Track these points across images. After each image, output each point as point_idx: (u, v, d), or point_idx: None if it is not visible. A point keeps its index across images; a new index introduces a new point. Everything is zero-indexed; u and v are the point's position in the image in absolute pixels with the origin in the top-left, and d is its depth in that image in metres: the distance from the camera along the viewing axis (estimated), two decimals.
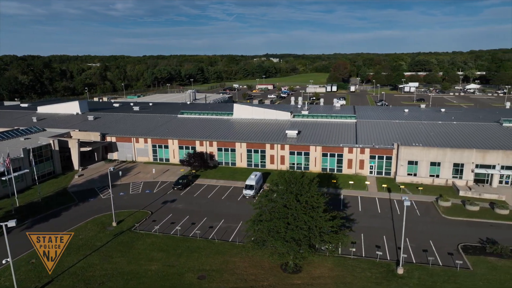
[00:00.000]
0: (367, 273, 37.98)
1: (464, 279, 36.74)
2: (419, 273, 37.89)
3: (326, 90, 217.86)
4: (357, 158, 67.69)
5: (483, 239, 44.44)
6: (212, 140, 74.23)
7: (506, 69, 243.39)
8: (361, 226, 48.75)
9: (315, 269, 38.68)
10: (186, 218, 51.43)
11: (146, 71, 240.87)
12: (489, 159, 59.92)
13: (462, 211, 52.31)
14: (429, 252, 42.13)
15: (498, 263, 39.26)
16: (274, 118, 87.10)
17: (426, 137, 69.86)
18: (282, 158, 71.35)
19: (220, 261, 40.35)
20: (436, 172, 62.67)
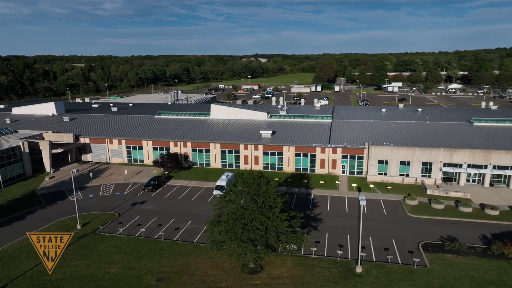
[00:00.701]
0: (326, 272, 38.26)
1: (419, 276, 37.29)
2: (377, 271, 38.32)
3: (310, 90, 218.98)
4: (330, 158, 68.16)
5: (444, 236, 45.17)
6: (186, 141, 73.91)
7: (487, 69, 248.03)
8: (327, 226, 49.10)
9: (276, 269, 38.81)
10: (153, 220, 51.11)
11: (131, 71, 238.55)
12: (456, 158, 60.96)
13: (427, 209, 53.10)
14: (390, 250, 42.66)
15: (455, 260, 39.95)
16: (251, 118, 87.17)
17: (398, 137, 70.74)
18: (256, 159, 71.43)
19: (181, 262, 40.19)
20: (406, 171, 63.49)
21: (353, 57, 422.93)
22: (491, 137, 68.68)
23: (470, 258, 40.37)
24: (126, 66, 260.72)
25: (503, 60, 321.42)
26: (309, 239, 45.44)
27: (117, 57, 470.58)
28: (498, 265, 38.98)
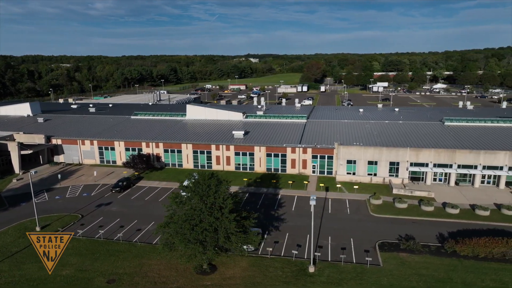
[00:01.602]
0: (279, 272, 38.39)
1: (370, 275, 37.60)
2: (329, 271, 38.55)
3: (297, 91, 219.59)
4: (300, 158, 68.40)
5: (402, 235, 45.58)
6: (158, 142, 73.60)
7: (471, 69, 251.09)
8: (289, 225, 49.27)
9: (229, 270, 38.83)
10: (116, 221, 50.82)
11: (116, 71, 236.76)
12: (422, 157, 61.60)
13: (391, 208, 53.56)
14: (347, 249, 42.95)
15: (408, 259, 40.36)
16: (227, 118, 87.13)
17: (369, 137, 71.24)
18: (228, 159, 71.41)
19: (136, 264, 40.01)
20: (374, 171, 63.99)
21: (342, 57, 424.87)
22: (459, 136, 69.57)
23: (423, 256, 40.81)
24: (112, 66, 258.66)
25: (488, 60, 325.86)
26: (268, 239, 45.82)
27: (107, 57, 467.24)
28: (448, 263, 39.48)
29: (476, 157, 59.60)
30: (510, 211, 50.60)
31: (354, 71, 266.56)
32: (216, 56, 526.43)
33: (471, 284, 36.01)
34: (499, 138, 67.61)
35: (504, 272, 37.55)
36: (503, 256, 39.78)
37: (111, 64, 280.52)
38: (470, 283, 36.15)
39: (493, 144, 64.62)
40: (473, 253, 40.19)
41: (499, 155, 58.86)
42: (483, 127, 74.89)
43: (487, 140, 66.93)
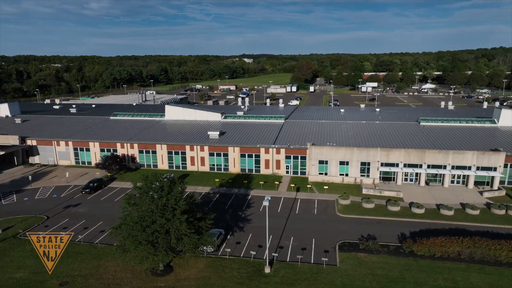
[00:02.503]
0: (235, 273, 38.37)
1: (325, 276, 37.68)
2: (285, 271, 38.59)
3: (286, 91, 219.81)
4: (274, 158, 68.45)
5: (364, 235, 45.71)
6: (133, 142, 73.36)
7: (460, 69, 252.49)
8: (253, 226, 49.27)
9: (185, 271, 38.77)
10: (81, 223, 50.60)
11: (105, 72, 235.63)
12: (392, 157, 61.85)
13: (358, 208, 53.71)
14: (307, 250, 43.02)
15: (365, 259, 40.50)
16: (205, 119, 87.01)
17: (344, 137, 71.46)
18: (202, 160, 71.33)
19: (92, 265, 39.83)
20: (345, 171, 64.16)
21: (335, 58, 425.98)
22: (433, 136, 69.97)
23: (381, 256, 40.96)
24: (101, 66, 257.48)
25: (478, 61, 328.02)
26: (231, 240, 45.82)
27: (100, 57, 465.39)
28: (405, 262, 39.67)
29: (445, 157, 59.95)
30: (474, 210, 50.93)
31: (345, 72, 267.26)
32: (209, 56, 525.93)
33: (422, 283, 36.20)
34: (472, 138, 68.12)
35: (457, 272, 37.78)
36: (458, 255, 40.03)
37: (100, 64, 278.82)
38: (422, 282, 36.34)
39: (464, 144, 65.09)
40: (429, 252, 40.41)
41: (467, 155, 59.24)
42: (457, 127, 75.35)
43: (459, 140, 67.41)
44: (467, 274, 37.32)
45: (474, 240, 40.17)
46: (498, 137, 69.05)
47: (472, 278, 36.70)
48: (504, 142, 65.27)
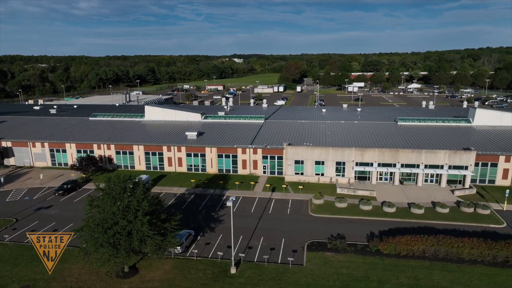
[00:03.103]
0: (200, 274, 38.27)
1: (290, 275, 37.80)
2: (251, 272, 38.61)
3: (273, 91, 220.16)
4: (251, 158, 68.46)
5: (334, 235, 45.94)
6: (109, 143, 72.70)
7: (445, 69, 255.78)
8: (226, 226, 49.10)
9: (151, 273, 38.54)
10: (51, 225, 49.95)
11: (91, 72, 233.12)
12: (367, 157, 62.34)
13: (330, 208, 53.99)
14: (276, 250, 43.10)
15: (332, 258, 40.74)
16: (185, 119, 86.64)
17: (321, 137, 71.76)
18: (179, 160, 71.00)
19: (57, 268, 39.12)
20: (321, 171, 64.47)
21: (323, 58, 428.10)
22: (408, 136, 70.71)
23: (348, 255, 41.24)
24: (87, 66, 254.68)
25: (463, 61, 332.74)
26: (201, 241, 45.69)
27: (89, 57, 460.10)
28: (370, 261, 40.00)
29: (418, 156, 60.64)
30: (444, 209, 51.61)
31: (332, 72, 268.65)
32: (199, 56, 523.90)
33: (385, 281, 36.56)
34: (447, 138, 69.00)
35: (420, 269, 38.24)
36: (423, 253, 40.52)
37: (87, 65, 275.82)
38: (384, 280, 36.70)
39: (440, 143, 65.90)
40: (395, 251, 40.81)
41: (439, 154, 60.01)
42: (434, 127, 76.27)
43: (434, 139, 68.21)
44: (430, 272, 37.80)
45: (438, 238, 40.69)
46: (472, 136, 70.10)
47: (434, 276, 37.18)
48: (477, 141, 66.29)
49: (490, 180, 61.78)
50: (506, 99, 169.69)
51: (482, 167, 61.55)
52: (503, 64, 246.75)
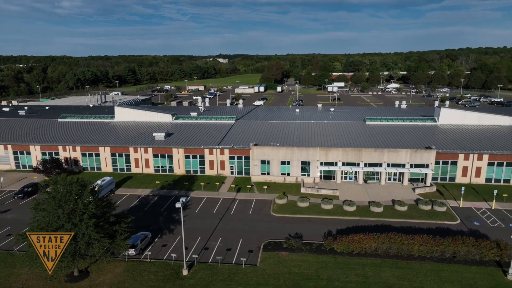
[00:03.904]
0: (151, 276, 37.95)
1: (242, 276, 37.85)
2: (203, 273, 38.50)
3: (254, 91, 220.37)
4: (218, 159, 68.32)
5: (292, 234, 46.18)
6: (75, 145, 71.45)
7: (423, 69, 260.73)
8: (185, 228, 48.45)
9: (102, 276, 38.02)
10: (5, 230, 48.79)
11: (69, 72, 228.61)
12: (331, 156, 62.98)
13: (292, 207, 54.30)
14: (232, 250, 43.09)
15: (286, 258, 40.97)
16: (156, 120, 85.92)
17: (289, 137, 72.14)
18: (146, 161, 70.30)
19: (4, 274, 38.40)
20: (287, 171, 64.82)
21: (306, 58, 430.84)
22: (375, 135, 71.78)
23: (302, 254, 41.54)
24: (65, 67, 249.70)
25: (442, 61, 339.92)
26: (158, 243, 45.32)
27: (70, 58, 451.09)
28: (323, 260, 40.39)
29: (381, 155, 61.60)
30: (402, 207, 52.56)
31: (314, 72, 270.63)
32: (182, 57, 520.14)
33: (335, 280, 36.98)
34: (412, 136, 70.30)
35: (371, 267, 38.83)
36: (375, 251, 41.14)
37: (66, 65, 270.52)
38: (334, 279, 37.12)
39: (405, 142, 67.07)
40: (348, 249, 41.33)
41: (401, 153, 61.10)
42: (400, 126, 77.59)
43: (400, 138, 69.42)
44: (379, 269, 38.41)
45: (390, 236, 41.38)
46: (436, 135, 71.62)
47: (383, 273, 37.80)
48: (440, 140, 67.77)
49: (450, 178, 63.23)
50: (479, 98, 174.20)
51: (443, 165, 62.96)
52: (478, 64, 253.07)
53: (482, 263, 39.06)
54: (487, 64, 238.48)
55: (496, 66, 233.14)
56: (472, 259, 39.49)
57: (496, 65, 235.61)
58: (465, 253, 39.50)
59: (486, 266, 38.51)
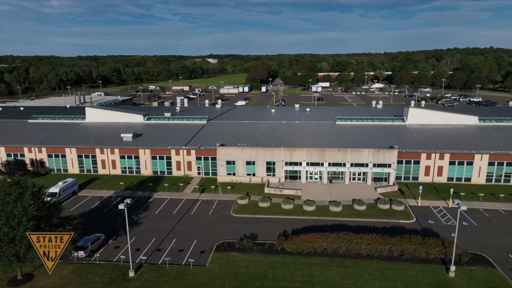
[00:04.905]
0: (97, 278, 37.69)
1: (188, 277, 37.80)
2: (150, 274, 38.36)
3: (238, 91, 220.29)
4: (185, 159, 68.14)
5: (247, 234, 46.20)
6: (40, 147, 70.64)
7: (407, 69, 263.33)
8: (141, 229, 48.75)
9: (45, 279, 37.64)
10: None
11: (50, 73, 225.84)
12: (296, 156, 63.24)
13: (253, 208, 54.34)
14: (184, 251, 43.00)
15: (236, 258, 41.01)
16: (127, 121, 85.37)
17: (258, 137, 72.24)
18: (113, 163, 69.79)
19: None
20: (252, 171, 64.92)
21: (295, 58, 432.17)
22: (344, 135, 72.27)
23: (253, 255, 41.61)
24: (47, 67, 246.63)
25: (427, 61, 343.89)
26: (111, 244, 45.03)
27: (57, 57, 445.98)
28: (272, 260, 40.53)
29: (344, 155, 62.04)
30: (361, 206, 53.01)
31: (300, 72, 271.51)
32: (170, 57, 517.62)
33: (280, 279, 37.13)
34: (379, 136, 70.87)
35: (318, 267, 39.08)
36: (325, 250, 41.41)
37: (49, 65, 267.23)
38: (280, 278, 37.28)
39: (370, 141, 67.52)
40: (298, 249, 41.52)
41: (364, 152, 61.62)
42: (370, 126, 78.23)
43: (367, 138, 69.89)
44: (326, 269, 38.68)
45: (339, 235, 41.68)
46: (404, 134, 72.32)
47: (329, 272, 38.07)
48: (407, 139, 68.45)
49: (413, 177, 63.96)
50: (459, 98, 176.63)
51: (406, 165, 63.64)
52: (460, 65, 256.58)
53: (428, 261, 39.61)
54: (469, 64, 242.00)
55: (477, 66, 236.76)
56: (418, 257, 40.00)
57: (478, 65, 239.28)
58: (412, 252, 40.01)
59: (431, 264, 39.07)
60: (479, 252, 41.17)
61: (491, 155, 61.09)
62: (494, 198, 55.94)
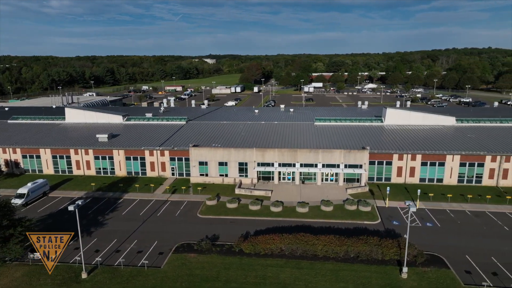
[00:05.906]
0: (48, 280, 37.53)
1: (141, 278, 37.66)
2: (103, 276, 38.21)
3: (230, 91, 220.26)
4: (159, 160, 68.01)
5: (209, 236, 46.10)
6: (15, 147, 70.55)
7: (401, 69, 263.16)
8: (105, 230, 48.59)
9: None
10: None
11: (43, 73, 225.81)
12: (267, 157, 63.09)
13: (220, 209, 54.21)
14: (143, 252, 42.86)
15: (192, 260, 40.85)
16: (106, 121, 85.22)
17: (234, 137, 72.13)
18: (88, 163, 69.68)
19: None
20: (225, 172, 64.78)
21: (293, 58, 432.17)
22: (321, 135, 72.11)
23: (210, 256, 41.46)
24: (39, 67, 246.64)
25: (423, 61, 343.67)
26: (72, 246, 44.81)
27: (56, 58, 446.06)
28: (229, 261, 40.38)
29: (316, 156, 61.87)
30: (328, 207, 52.85)
31: (294, 72, 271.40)
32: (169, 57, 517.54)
33: (232, 281, 36.98)
34: (354, 136, 70.72)
35: (272, 268, 38.92)
36: (282, 251, 41.25)
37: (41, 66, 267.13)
38: (232, 280, 37.13)
39: (345, 142, 67.36)
40: (255, 250, 41.36)
41: (335, 153, 61.45)
42: (348, 126, 78.05)
43: (341, 138, 69.79)
44: (280, 270, 38.52)
45: (296, 236, 41.54)
46: (380, 135, 72.11)
47: (282, 274, 37.91)
48: (382, 140, 68.29)
49: (386, 178, 63.81)
50: (449, 99, 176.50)
51: (378, 166, 63.49)
52: (453, 65, 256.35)
53: (383, 262, 39.46)
54: (462, 65, 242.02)
55: (470, 66, 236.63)
56: (375, 259, 39.85)
57: (471, 66, 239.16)
58: (368, 253, 39.85)
59: (386, 265, 38.91)
60: (437, 253, 41.04)
61: (462, 156, 60.95)
62: (463, 199, 55.81)
